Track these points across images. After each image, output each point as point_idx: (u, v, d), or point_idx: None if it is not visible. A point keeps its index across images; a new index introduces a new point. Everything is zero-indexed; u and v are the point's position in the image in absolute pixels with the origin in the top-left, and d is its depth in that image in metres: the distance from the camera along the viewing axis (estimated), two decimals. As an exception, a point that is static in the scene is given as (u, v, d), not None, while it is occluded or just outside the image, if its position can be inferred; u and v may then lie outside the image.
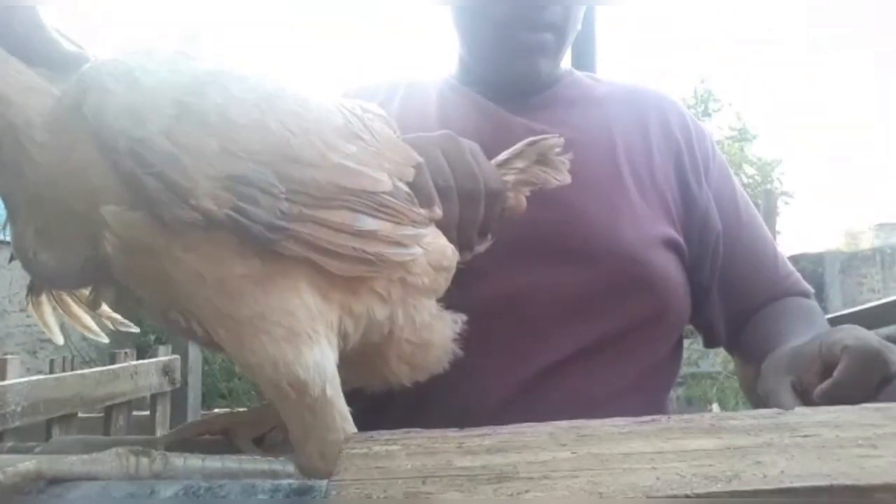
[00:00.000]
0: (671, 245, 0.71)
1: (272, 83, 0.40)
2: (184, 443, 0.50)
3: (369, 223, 0.41)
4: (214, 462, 0.42)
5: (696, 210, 0.75)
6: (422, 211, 0.46)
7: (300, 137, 0.39)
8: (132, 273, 0.42)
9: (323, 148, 0.40)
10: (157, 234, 0.38)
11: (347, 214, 0.40)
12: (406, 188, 0.45)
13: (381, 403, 0.53)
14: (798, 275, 0.80)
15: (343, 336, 0.43)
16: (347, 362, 0.44)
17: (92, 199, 0.38)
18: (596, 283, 0.65)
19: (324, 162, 0.39)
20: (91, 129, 0.37)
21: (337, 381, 0.41)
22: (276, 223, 0.37)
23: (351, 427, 0.41)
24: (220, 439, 0.51)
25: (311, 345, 0.40)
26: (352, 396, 0.43)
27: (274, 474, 0.42)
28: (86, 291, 0.50)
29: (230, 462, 0.43)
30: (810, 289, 0.80)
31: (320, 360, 0.40)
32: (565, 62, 0.82)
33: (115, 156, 0.37)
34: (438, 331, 0.50)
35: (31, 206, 0.41)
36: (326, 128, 0.41)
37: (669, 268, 0.70)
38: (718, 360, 5.24)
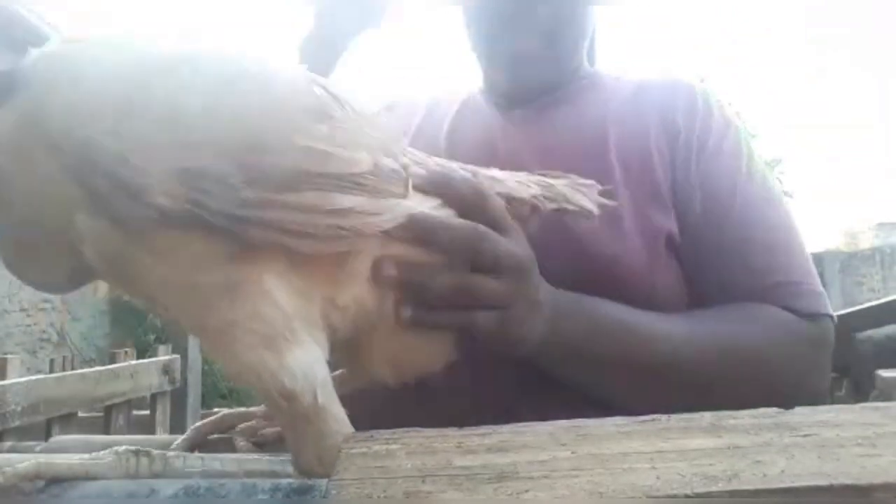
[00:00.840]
0: (663, 243, 0.67)
1: (230, 66, 0.38)
2: (203, 443, 0.50)
3: (344, 201, 0.39)
4: (214, 462, 0.42)
5: (689, 192, 0.69)
6: (406, 177, 0.44)
7: (260, 122, 0.37)
8: (116, 280, 0.42)
9: (287, 131, 0.37)
10: (126, 242, 0.37)
11: (318, 195, 0.38)
12: (393, 164, 0.43)
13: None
14: (804, 290, 0.66)
15: (332, 330, 0.42)
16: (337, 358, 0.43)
17: (64, 212, 0.37)
18: (578, 288, 0.61)
19: (288, 146, 0.37)
20: (38, 133, 0.35)
21: (329, 384, 0.40)
22: (236, 213, 0.36)
23: (348, 429, 0.40)
24: (224, 438, 0.51)
25: (292, 348, 0.38)
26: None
27: (274, 474, 0.41)
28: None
29: (230, 462, 0.43)
30: (810, 308, 0.65)
31: (307, 366, 0.39)
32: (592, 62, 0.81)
33: (64, 159, 0.35)
34: (429, 331, 0.48)
35: (12, 227, 0.40)
36: (292, 109, 0.38)
37: (655, 271, 0.65)
38: (718, 360, 5.22)
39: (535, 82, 0.75)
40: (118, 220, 0.36)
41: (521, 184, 0.54)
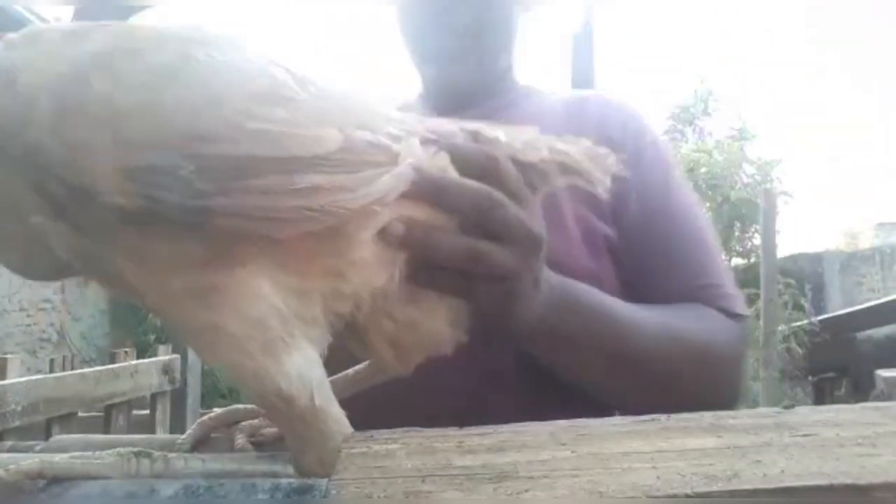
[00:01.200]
0: (604, 247, 0.70)
1: (174, 55, 0.36)
2: (207, 440, 0.50)
3: (306, 180, 0.37)
4: (215, 463, 0.42)
5: (626, 199, 0.72)
6: (390, 144, 0.42)
7: (206, 111, 0.35)
8: (96, 279, 0.41)
9: (238, 118, 0.36)
10: (92, 243, 0.36)
11: (279, 178, 0.36)
12: (370, 136, 0.41)
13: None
14: (729, 292, 0.71)
15: (339, 318, 0.41)
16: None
17: (26, 213, 0.36)
18: None
19: (240, 134, 0.35)
20: None
21: (326, 386, 0.40)
22: (192, 204, 0.34)
23: (347, 430, 0.40)
24: (224, 438, 0.51)
25: (289, 351, 0.38)
26: None
27: (274, 474, 0.41)
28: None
29: (230, 462, 0.43)
30: (735, 309, 0.70)
31: (303, 368, 0.38)
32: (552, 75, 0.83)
33: (10, 163, 0.34)
34: (430, 308, 0.46)
35: None
36: (241, 96, 0.36)
37: (600, 275, 0.68)
38: (718, 360, 5.23)
39: (462, 81, 0.75)
40: (78, 225, 0.35)
41: (529, 145, 0.50)
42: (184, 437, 0.49)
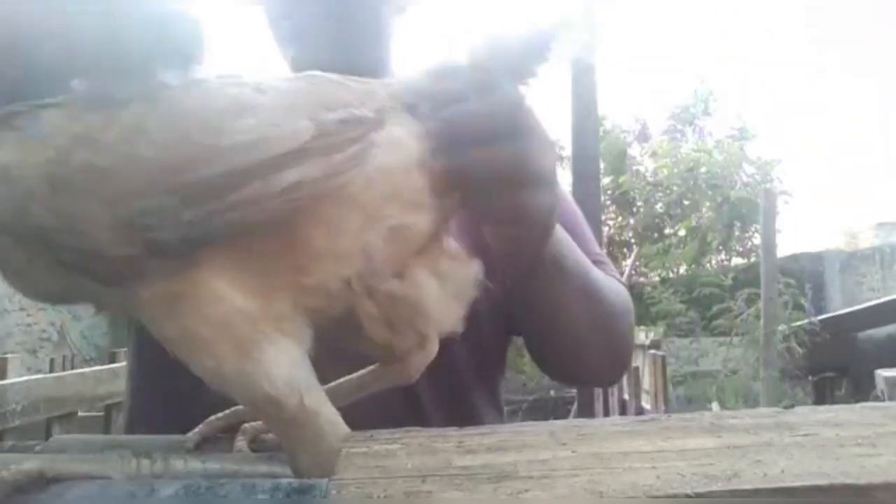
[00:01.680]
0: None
1: (139, 106, 0.38)
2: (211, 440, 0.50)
3: (290, 176, 0.38)
4: (215, 463, 0.42)
5: None
6: (366, 114, 0.42)
7: (179, 145, 0.37)
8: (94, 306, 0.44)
9: (209, 139, 0.37)
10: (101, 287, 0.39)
11: (262, 183, 0.37)
12: (339, 114, 0.41)
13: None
14: (609, 265, 0.78)
15: (319, 313, 0.41)
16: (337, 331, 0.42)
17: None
18: None
19: (213, 152, 0.37)
20: None
21: (316, 387, 0.39)
22: (186, 235, 0.37)
23: (343, 430, 0.40)
24: (224, 438, 0.51)
25: (262, 349, 0.38)
26: None
27: (274, 474, 0.41)
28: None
29: (231, 463, 0.43)
30: (620, 279, 0.78)
31: (287, 369, 0.38)
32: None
33: (28, 243, 0.38)
34: (416, 280, 0.44)
35: None
36: (207, 117, 0.38)
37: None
38: (718, 360, 5.25)
39: (324, 65, 0.74)
40: (94, 278, 0.38)
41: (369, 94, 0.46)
42: (189, 434, 0.49)
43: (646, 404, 3.31)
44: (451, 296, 0.46)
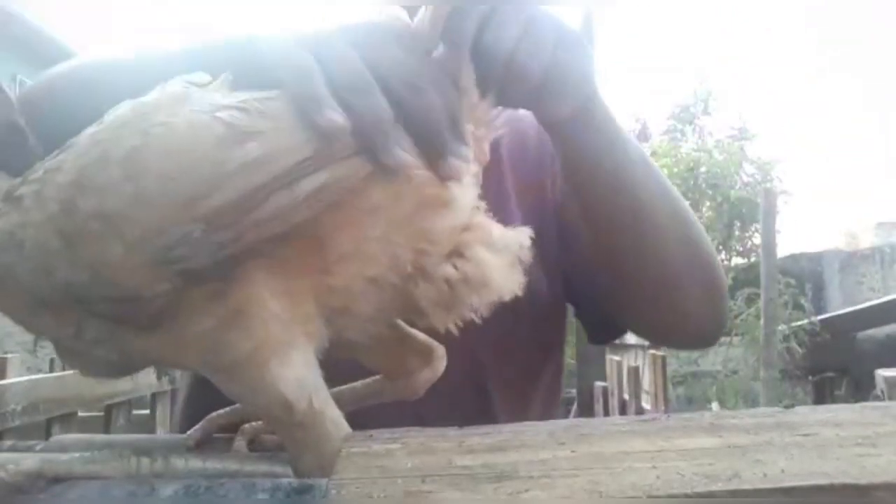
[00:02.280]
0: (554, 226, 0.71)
1: (134, 139, 0.37)
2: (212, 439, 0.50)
3: (308, 184, 0.37)
4: (215, 463, 0.42)
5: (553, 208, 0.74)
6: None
7: (182, 178, 0.36)
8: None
9: (214, 168, 0.36)
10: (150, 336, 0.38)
11: (284, 193, 0.37)
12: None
13: None
14: None
15: (343, 312, 0.41)
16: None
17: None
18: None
19: (222, 180, 0.36)
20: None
21: (323, 389, 0.40)
22: (220, 256, 0.36)
23: (346, 430, 0.40)
24: (224, 438, 0.51)
25: (290, 354, 0.38)
26: None
27: (274, 474, 0.41)
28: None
29: (230, 462, 0.43)
30: None
31: (301, 371, 0.38)
32: None
33: (61, 305, 0.37)
34: (483, 252, 0.44)
35: None
36: (206, 148, 0.36)
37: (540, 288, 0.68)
38: (718, 360, 5.24)
39: None
40: (137, 324, 0.37)
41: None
42: (190, 431, 0.50)
43: (646, 404, 3.31)
44: (509, 264, 0.45)
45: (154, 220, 0.35)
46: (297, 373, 0.38)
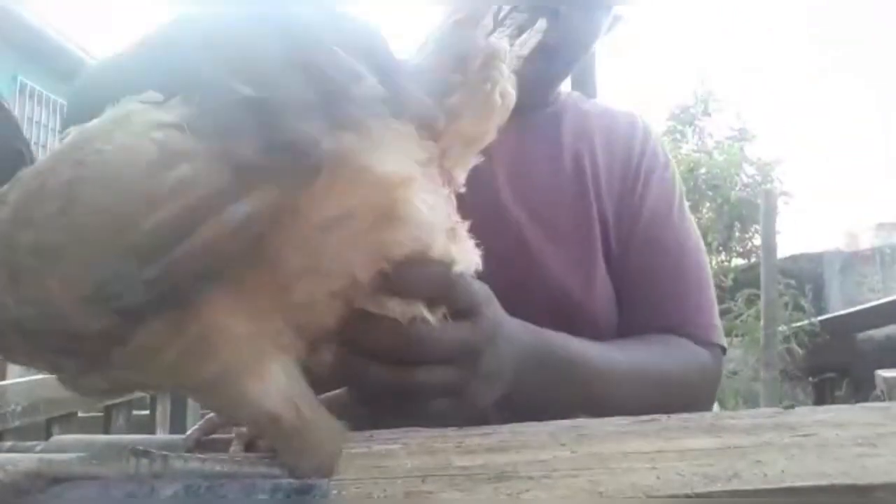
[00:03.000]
0: (603, 267, 0.73)
1: (66, 172, 0.35)
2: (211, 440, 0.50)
3: (238, 211, 0.35)
4: (215, 463, 0.42)
5: (632, 218, 0.76)
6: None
7: (115, 208, 0.34)
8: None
9: (143, 195, 0.34)
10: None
11: (214, 224, 0.35)
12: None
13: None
14: (718, 331, 0.75)
15: (313, 327, 0.40)
16: None
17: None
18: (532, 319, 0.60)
19: (150, 207, 0.34)
20: None
21: (309, 395, 0.39)
22: (152, 297, 0.34)
23: (340, 433, 0.39)
24: (224, 438, 0.51)
25: (266, 368, 0.38)
26: None
27: (274, 475, 0.41)
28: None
29: (230, 463, 0.43)
30: (714, 339, 0.74)
31: (282, 382, 0.38)
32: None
33: (20, 341, 0.37)
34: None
35: None
36: (135, 175, 0.35)
37: (595, 293, 0.71)
38: (718, 360, 5.23)
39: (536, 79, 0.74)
40: (87, 358, 0.37)
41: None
42: (190, 431, 0.50)
43: (646, 405, 3.30)
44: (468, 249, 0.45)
45: (86, 254, 0.34)
46: (278, 384, 0.38)
